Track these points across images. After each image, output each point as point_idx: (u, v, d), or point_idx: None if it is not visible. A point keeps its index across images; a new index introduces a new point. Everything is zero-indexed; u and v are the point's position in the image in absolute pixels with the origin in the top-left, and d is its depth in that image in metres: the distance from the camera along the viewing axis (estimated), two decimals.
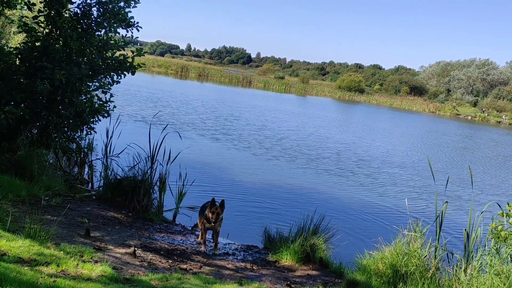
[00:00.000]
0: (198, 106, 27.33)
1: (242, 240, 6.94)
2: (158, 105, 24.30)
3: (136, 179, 7.27)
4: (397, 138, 27.31)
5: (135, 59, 8.11)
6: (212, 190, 9.59)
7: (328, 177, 13.35)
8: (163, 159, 7.54)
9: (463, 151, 25.61)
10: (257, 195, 10.28)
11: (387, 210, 10.69)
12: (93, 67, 7.68)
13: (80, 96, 7.82)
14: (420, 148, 24.03)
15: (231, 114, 25.60)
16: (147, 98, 26.69)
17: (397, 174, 15.37)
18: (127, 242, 5.55)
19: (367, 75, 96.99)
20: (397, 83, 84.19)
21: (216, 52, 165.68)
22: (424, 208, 11.30)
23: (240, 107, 30.69)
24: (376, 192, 12.37)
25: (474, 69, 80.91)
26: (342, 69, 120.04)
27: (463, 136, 35.52)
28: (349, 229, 8.57)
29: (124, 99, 23.43)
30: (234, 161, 13.67)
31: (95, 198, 7.40)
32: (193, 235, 6.75)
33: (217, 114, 24.36)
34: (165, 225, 7.03)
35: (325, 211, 6.77)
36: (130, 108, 20.90)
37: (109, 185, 7.48)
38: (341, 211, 9.96)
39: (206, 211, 5.95)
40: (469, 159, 22.61)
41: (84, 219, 5.99)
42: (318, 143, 19.65)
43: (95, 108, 7.80)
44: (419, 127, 38.59)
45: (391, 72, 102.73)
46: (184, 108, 24.67)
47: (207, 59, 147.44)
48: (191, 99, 31.21)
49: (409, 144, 25.43)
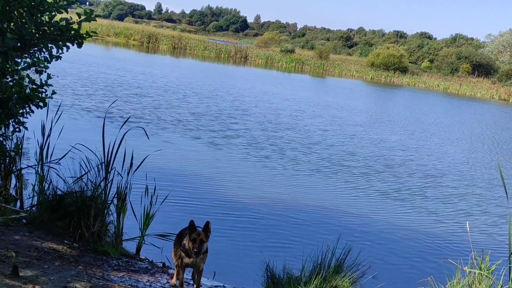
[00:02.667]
0: (173, 91, 27.38)
1: (235, 282, 6.95)
2: (116, 90, 24.34)
3: (85, 196, 7.26)
4: (456, 137, 27.37)
5: (83, 25, 8.11)
6: (192, 211, 9.60)
7: (357, 192, 13.37)
8: (123, 167, 7.53)
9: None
10: (256, 217, 10.29)
11: (439, 238, 10.71)
12: (23, 37, 7.68)
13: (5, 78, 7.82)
14: (487, 152, 24.10)
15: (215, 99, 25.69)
16: (100, 81, 26.74)
17: (453, 188, 15.40)
18: (71, 285, 5.55)
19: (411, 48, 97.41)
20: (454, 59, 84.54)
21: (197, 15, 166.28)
22: (493, 235, 11.32)
23: (226, 89, 30.80)
24: (423, 212, 12.40)
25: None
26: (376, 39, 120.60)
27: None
28: (387, 265, 8.58)
29: (68, 82, 23.44)
30: (224, 169, 13.69)
31: (26, 222, 7.39)
32: (165, 274, 6.75)
33: (201, 104, 24.40)
34: (125, 260, 7.03)
35: (352, 240, 6.79)
36: (75, 95, 20.92)
37: (45, 203, 7.47)
38: (374, 241, 9.98)
39: (184, 240, 5.95)
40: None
41: (11, 252, 5.98)
42: (339, 144, 19.72)
43: (26, 94, 7.79)
44: (486, 122, 38.71)
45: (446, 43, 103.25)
46: (153, 95, 24.70)
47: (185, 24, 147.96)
48: (163, 81, 31.25)
49: (471, 145, 25.49)
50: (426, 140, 24.45)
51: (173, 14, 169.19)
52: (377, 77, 72.05)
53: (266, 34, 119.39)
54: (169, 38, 75.78)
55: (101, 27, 72.19)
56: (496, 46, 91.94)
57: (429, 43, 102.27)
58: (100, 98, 21.07)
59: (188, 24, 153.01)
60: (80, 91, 22.20)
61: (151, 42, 73.17)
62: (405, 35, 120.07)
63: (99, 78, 27.71)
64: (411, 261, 9.29)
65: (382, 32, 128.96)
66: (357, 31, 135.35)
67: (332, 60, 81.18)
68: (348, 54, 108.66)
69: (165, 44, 73.38)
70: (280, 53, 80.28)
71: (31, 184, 8.61)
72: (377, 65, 75.86)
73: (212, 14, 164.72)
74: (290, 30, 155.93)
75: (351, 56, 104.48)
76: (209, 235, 5.85)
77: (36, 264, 5.95)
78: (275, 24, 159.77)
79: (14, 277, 5.31)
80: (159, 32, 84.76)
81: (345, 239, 6.71)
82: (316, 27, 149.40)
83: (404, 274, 8.48)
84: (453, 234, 10.99)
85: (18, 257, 5.95)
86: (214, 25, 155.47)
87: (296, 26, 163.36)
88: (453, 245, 10.27)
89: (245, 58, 73.00)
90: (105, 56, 46.88)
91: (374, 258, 6.96)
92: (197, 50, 73.27)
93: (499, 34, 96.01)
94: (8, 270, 5.42)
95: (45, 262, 6.09)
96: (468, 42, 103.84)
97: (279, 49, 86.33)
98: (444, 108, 46.31)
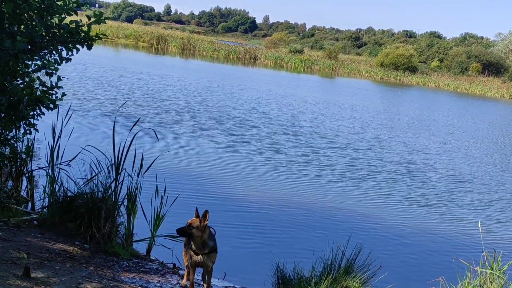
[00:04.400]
0: (183, 93, 27.42)
1: (245, 282, 6.94)
2: (126, 92, 24.41)
3: (95, 197, 7.28)
4: (469, 138, 27.23)
5: (93, 27, 8.14)
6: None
7: (367, 192, 13.34)
8: (133, 168, 7.55)
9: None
10: (267, 220, 10.30)
11: (450, 238, 10.68)
12: (33, 39, 7.72)
13: (15, 80, 7.86)
14: (499, 152, 23.96)
15: (229, 101, 25.69)
16: (110, 83, 26.83)
17: (464, 188, 15.33)
18: (82, 286, 5.57)
19: (421, 47, 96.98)
20: (464, 58, 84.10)
21: (206, 16, 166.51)
22: (505, 235, 11.25)
23: (239, 90, 30.78)
24: (433, 212, 12.35)
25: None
26: (385, 39, 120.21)
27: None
28: (398, 266, 8.55)
29: (78, 83, 23.54)
30: (234, 171, 13.69)
31: (37, 223, 7.43)
32: (175, 275, 6.76)
33: (210, 106, 24.42)
34: (135, 261, 7.04)
35: (363, 240, 6.77)
36: (85, 97, 21.00)
37: (56, 205, 7.50)
38: (385, 241, 9.95)
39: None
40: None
41: (22, 254, 6.01)
42: (349, 143, 19.68)
43: (36, 96, 7.83)
44: (497, 121, 38.47)
45: (456, 42, 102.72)
46: (162, 97, 24.75)
47: (194, 26, 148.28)
48: (173, 83, 31.31)
49: (484, 145, 25.34)
50: (435, 140, 24.33)
51: (182, 15, 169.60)
52: (387, 77, 71.76)
53: (275, 35, 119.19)
54: (178, 40, 75.87)
55: (110, 29, 72.40)
56: (506, 44, 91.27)
57: (438, 42, 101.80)
58: (113, 101, 21.13)
59: (197, 25, 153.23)
60: (98, 95, 22.25)
61: (160, 44, 73.34)
62: (415, 34, 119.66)
63: (118, 81, 27.83)
64: (421, 261, 9.25)
65: (392, 32, 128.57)
66: (366, 31, 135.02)
67: (342, 60, 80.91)
68: (357, 54, 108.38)
69: (174, 45, 73.51)
70: (289, 54, 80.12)
71: (42, 186, 8.64)
72: (387, 65, 75.59)
73: (221, 15, 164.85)
74: (299, 31, 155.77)
75: (361, 56, 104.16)
76: (204, 224, 5.88)
77: (48, 265, 5.97)
78: (284, 24, 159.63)
79: (25, 278, 5.34)
80: (168, 33, 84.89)
81: (356, 240, 6.68)
82: (325, 27, 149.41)
83: (414, 274, 8.44)
84: (464, 234, 10.94)
85: (29, 258, 5.97)
86: (223, 26, 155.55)
87: (305, 27, 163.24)
88: (464, 245, 10.22)
89: (254, 59, 72.94)
90: (118, 59, 47.04)
91: (384, 259, 6.93)
92: (206, 51, 73.27)
93: (509, 33, 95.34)
94: (19, 271, 5.45)
95: (56, 263, 6.12)
96: (478, 41, 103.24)
97: (288, 50, 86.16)
98: (458, 108, 46.02)
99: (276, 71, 60.75)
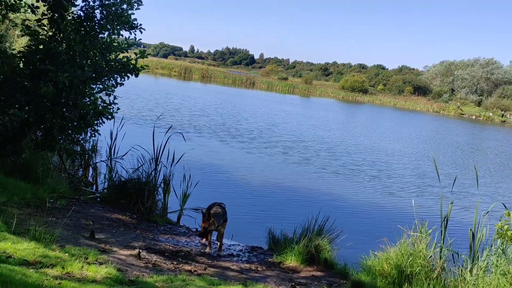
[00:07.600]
0: (202, 107, 27.35)
1: (247, 241, 6.93)
2: (161, 106, 24.33)
3: (140, 181, 7.28)
4: (403, 139, 27.19)
5: (139, 61, 8.13)
6: (217, 192, 9.59)
7: (333, 178, 13.32)
8: (167, 161, 7.55)
9: (470, 151, 25.47)
10: (262, 197, 10.30)
11: (393, 211, 10.66)
12: (97, 70, 7.71)
13: (84, 99, 7.85)
14: (425, 148, 23.93)
15: (237, 116, 25.60)
16: (151, 100, 26.72)
17: (403, 175, 15.31)
18: (131, 244, 5.56)
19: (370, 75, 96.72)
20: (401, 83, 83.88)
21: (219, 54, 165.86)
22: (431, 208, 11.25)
23: (241, 108, 30.70)
24: (381, 192, 12.34)
25: (478, 68, 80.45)
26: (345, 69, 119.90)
27: (468, 135, 35.37)
28: (354, 230, 8.54)
29: (128, 101, 23.49)
30: (239, 163, 13.65)
31: (100, 200, 7.42)
32: (197, 236, 6.74)
33: (222, 116, 24.36)
34: (169, 226, 7.03)
35: (329, 212, 6.75)
36: (134, 110, 20.94)
37: (113, 187, 7.50)
38: (345, 212, 9.94)
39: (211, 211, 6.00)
40: (477, 159, 22.49)
41: (89, 221, 6.00)
42: (322, 144, 19.62)
43: (99, 110, 7.82)
44: (423, 127, 38.45)
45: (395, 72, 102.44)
46: (188, 110, 24.67)
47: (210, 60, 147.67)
48: (195, 101, 31.24)
49: (415, 144, 25.32)
50: (379, 140, 24.27)
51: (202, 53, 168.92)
52: (347, 96, 71.53)
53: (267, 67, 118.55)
54: (199, 70, 75.63)
55: (151, 62, 72.11)
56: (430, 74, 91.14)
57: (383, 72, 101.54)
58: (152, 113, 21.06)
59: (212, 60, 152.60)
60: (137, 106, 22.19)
61: (186, 73, 73.15)
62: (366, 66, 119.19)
63: (152, 98, 27.69)
64: (371, 227, 9.25)
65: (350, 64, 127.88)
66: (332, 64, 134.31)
67: (314, 85, 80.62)
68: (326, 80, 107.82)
69: (196, 74, 73.28)
70: (277, 80, 79.75)
71: (103, 174, 8.65)
72: (346, 88, 75.35)
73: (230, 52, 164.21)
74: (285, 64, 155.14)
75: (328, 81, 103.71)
76: (211, 221, 5.87)
77: (107, 229, 5.97)
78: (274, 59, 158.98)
79: (91, 239, 5.34)
80: (192, 66, 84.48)
81: (325, 212, 6.65)
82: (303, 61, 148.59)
83: (366, 236, 8.43)
84: (403, 208, 10.93)
85: (94, 224, 5.97)
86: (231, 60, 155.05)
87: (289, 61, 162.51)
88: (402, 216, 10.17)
89: (253, 84, 72.64)
90: (157, 83, 46.88)
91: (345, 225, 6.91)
92: (219, 78, 73.01)
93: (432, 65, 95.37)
94: (87, 234, 5.46)
95: (113, 228, 6.11)
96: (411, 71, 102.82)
97: (277, 77, 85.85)
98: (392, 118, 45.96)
99: (268, 93, 60.50)
